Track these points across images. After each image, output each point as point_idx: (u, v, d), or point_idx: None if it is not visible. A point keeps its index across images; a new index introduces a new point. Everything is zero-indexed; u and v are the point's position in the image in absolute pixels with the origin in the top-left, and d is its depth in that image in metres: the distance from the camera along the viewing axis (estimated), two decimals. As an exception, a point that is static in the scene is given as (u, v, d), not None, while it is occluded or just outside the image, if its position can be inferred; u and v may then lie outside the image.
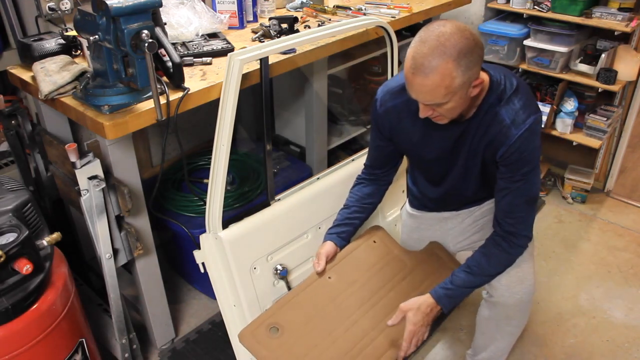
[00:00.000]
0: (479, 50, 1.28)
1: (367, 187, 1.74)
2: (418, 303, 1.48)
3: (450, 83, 1.25)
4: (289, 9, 2.35)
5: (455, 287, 1.50)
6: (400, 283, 1.68)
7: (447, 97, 1.28)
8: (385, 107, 1.55)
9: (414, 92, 1.32)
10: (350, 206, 1.73)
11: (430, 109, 1.35)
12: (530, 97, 1.42)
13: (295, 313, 1.53)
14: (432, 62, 1.24)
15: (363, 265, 1.70)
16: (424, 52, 1.25)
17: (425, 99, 1.32)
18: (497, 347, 1.76)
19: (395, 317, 1.48)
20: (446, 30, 1.25)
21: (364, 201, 1.73)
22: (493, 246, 1.50)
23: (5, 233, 1.32)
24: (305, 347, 1.46)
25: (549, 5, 2.60)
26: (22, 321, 1.33)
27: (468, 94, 1.32)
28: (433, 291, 1.51)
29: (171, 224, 2.07)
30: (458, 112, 1.37)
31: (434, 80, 1.25)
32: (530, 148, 1.38)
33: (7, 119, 1.77)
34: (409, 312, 1.47)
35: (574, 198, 2.90)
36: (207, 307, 2.25)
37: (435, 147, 1.52)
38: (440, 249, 1.82)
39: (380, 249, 1.77)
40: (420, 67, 1.25)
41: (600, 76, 2.57)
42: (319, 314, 1.55)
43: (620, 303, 2.27)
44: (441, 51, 1.23)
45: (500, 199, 1.46)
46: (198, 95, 1.64)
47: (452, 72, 1.24)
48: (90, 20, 1.41)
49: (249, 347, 1.45)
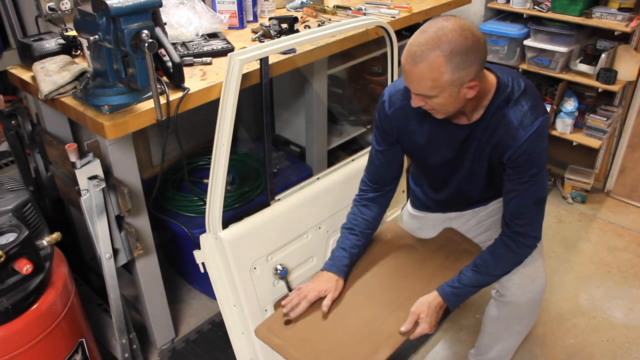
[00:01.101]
0: (476, 52, 1.27)
1: (372, 209, 1.67)
2: (428, 301, 1.49)
3: (438, 77, 1.26)
4: (289, 9, 2.35)
5: (462, 285, 1.50)
6: (415, 272, 1.67)
7: (434, 90, 1.29)
8: (395, 108, 1.53)
9: (406, 79, 1.34)
10: (358, 232, 1.65)
11: (421, 99, 1.36)
12: (538, 98, 1.42)
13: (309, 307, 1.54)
14: (424, 52, 1.25)
15: (376, 257, 1.71)
16: (420, 41, 1.27)
17: (414, 87, 1.34)
18: (504, 347, 1.76)
19: (408, 322, 1.47)
20: (447, 25, 1.26)
21: (370, 226, 1.67)
22: (501, 246, 1.50)
23: (5, 233, 1.32)
24: (317, 333, 1.48)
25: (549, 5, 2.60)
26: (22, 321, 1.33)
27: (461, 94, 1.31)
28: (440, 288, 1.51)
29: (171, 224, 2.07)
30: (451, 110, 1.37)
31: (421, 70, 1.27)
32: (538, 150, 1.38)
33: (7, 119, 1.77)
34: (421, 313, 1.47)
35: (574, 198, 2.90)
36: (207, 307, 2.25)
37: (442, 149, 1.52)
38: (454, 232, 1.81)
39: (393, 241, 1.78)
40: (413, 55, 1.27)
41: (600, 76, 2.57)
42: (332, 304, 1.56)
43: (620, 303, 2.27)
44: (435, 44, 1.24)
45: (509, 200, 1.46)
46: (198, 95, 1.64)
47: (441, 67, 1.25)
48: (90, 20, 1.41)
49: (263, 338, 1.48)
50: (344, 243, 1.64)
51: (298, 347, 1.44)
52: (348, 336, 1.48)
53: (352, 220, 1.67)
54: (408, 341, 1.48)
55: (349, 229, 1.66)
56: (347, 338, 1.47)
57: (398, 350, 1.46)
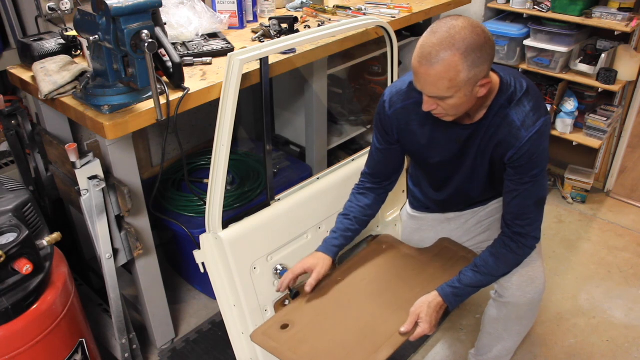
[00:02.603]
0: (488, 49, 1.27)
1: (368, 197, 1.69)
2: (427, 301, 1.49)
3: (455, 76, 1.25)
4: (289, 9, 2.35)
5: (462, 285, 1.50)
6: (413, 277, 1.67)
7: (450, 90, 1.28)
8: (395, 109, 1.53)
9: (419, 83, 1.32)
10: (352, 217, 1.67)
11: (434, 102, 1.34)
12: (540, 99, 1.42)
13: (305, 311, 1.55)
14: (439, 52, 1.24)
15: (372, 265, 1.71)
16: (433, 42, 1.25)
17: (429, 90, 1.31)
18: (503, 347, 1.76)
19: (408, 322, 1.47)
20: (458, 24, 1.25)
21: (365, 213, 1.68)
22: (502, 247, 1.50)
23: (5, 233, 1.32)
24: (314, 336, 1.48)
25: (549, 5, 2.60)
26: (22, 321, 1.33)
27: (474, 93, 1.31)
28: (440, 289, 1.51)
29: (171, 224, 2.07)
30: (462, 111, 1.36)
31: (438, 70, 1.25)
32: (539, 150, 1.38)
33: (7, 119, 1.77)
34: (421, 313, 1.47)
35: (574, 198, 2.90)
36: (207, 307, 2.25)
37: (443, 149, 1.52)
38: (450, 241, 1.81)
39: (389, 251, 1.78)
40: (427, 57, 1.25)
41: (600, 76, 2.57)
42: (329, 307, 1.56)
43: (620, 303, 2.27)
44: (450, 43, 1.23)
45: (510, 201, 1.46)
46: (198, 95, 1.64)
47: (458, 65, 1.24)
48: (90, 20, 1.41)
49: (260, 343, 1.48)
50: (336, 227, 1.67)
51: (295, 348, 1.44)
52: (347, 337, 1.47)
53: (348, 207, 1.70)
54: (408, 341, 1.48)
55: (343, 215, 1.69)
56: (345, 339, 1.47)
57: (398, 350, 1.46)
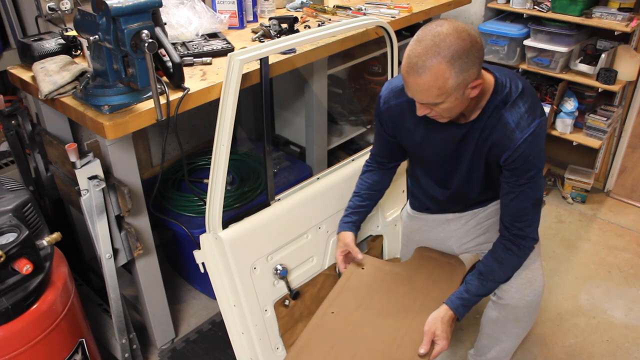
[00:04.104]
0: (476, 51, 1.27)
1: (376, 174, 1.79)
2: (439, 317, 1.49)
3: (443, 84, 1.26)
4: (289, 9, 2.35)
5: (470, 295, 1.51)
6: (407, 294, 1.67)
7: (440, 97, 1.28)
8: (388, 105, 1.56)
9: (409, 91, 1.33)
10: (362, 194, 1.78)
11: (427, 108, 1.35)
12: (535, 100, 1.42)
13: (314, 353, 1.52)
14: (425, 62, 1.24)
15: (361, 291, 1.69)
16: (419, 51, 1.25)
17: (420, 98, 1.33)
18: (502, 348, 1.76)
19: (425, 342, 1.47)
20: (442, 31, 1.24)
21: (373, 188, 1.78)
22: (503, 251, 1.50)
23: (5, 233, 1.32)
24: None
25: (549, 5, 2.60)
26: (22, 321, 1.33)
27: (466, 95, 1.31)
28: (449, 301, 1.51)
29: (171, 224, 2.07)
30: (456, 113, 1.37)
31: (426, 80, 1.26)
32: (535, 152, 1.38)
33: (7, 119, 1.77)
34: (436, 330, 1.47)
35: (574, 198, 2.90)
36: (207, 307, 2.25)
37: (438, 147, 1.52)
38: (428, 250, 1.82)
39: (371, 272, 1.76)
40: (414, 67, 1.26)
41: (600, 76, 2.57)
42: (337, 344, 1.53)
43: (620, 303, 2.27)
44: (435, 51, 1.23)
45: (507, 203, 1.46)
46: (198, 95, 1.64)
47: (445, 73, 1.24)
48: (90, 20, 1.41)
49: None
50: (348, 205, 1.80)
51: None
52: None
53: (358, 184, 1.81)
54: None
55: (354, 193, 1.81)
56: None
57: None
